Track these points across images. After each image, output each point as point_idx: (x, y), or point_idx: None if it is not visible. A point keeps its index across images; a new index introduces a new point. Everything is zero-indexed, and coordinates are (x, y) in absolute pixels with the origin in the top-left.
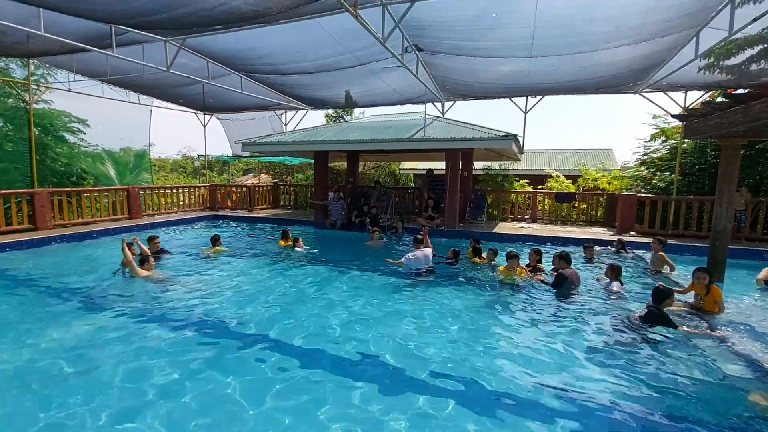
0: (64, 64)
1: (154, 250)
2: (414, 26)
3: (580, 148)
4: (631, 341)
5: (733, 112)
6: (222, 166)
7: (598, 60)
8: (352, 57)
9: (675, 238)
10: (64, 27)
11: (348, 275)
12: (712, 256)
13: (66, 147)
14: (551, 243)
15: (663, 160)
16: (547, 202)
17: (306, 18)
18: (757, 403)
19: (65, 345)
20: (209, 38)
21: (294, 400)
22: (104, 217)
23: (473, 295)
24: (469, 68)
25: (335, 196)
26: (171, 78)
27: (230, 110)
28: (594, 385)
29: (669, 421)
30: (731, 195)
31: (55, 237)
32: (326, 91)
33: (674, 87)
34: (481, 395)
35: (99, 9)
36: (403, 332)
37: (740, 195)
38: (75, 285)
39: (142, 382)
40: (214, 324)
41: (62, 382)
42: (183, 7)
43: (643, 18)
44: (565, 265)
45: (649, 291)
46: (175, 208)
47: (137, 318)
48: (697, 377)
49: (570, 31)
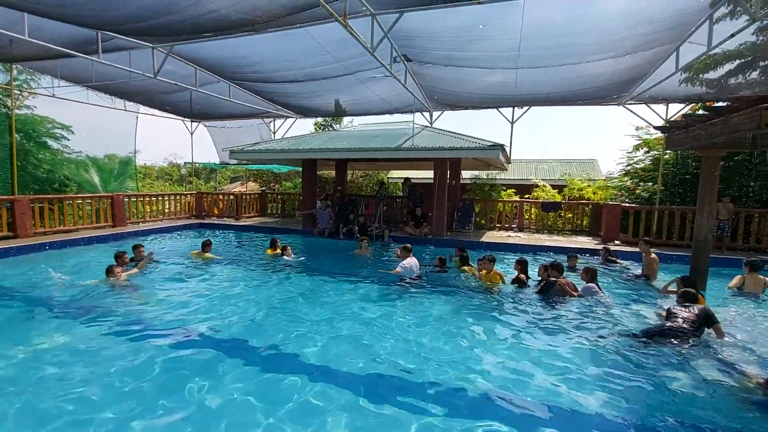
0: (49, 70)
1: (139, 258)
2: (402, 36)
3: (565, 158)
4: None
5: (712, 125)
6: (209, 173)
7: (582, 72)
8: (341, 66)
9: (658, 247)
10: (49, 32)
11: (338, 284)
12: (695, 265)
13: (49, 153)
14: (537, 252)
15: (646, 170)
16: (534, 211)
17: (295, 27)
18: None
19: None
20: (197, 45)
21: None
22: (87, 225)
23: (456, 300)
24: (456, 78)
25: (323, 204)
26: (158, 85)
27: (218, 117)
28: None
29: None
30: (712, 205)
31: (35, 245)
32: (315, 99)
33: (656, 99)
34: (479, 400)
35: (88, 15)
36: (403, 339)
37: (723, 205)
38: (47, 295)
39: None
40: (199, 335)
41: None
42: (172, 14)
43: (626, 31)
44: (557, 275)
45: (631, 297)
46: (160, 216)
47: (114, 329)
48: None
49: (555, 42)
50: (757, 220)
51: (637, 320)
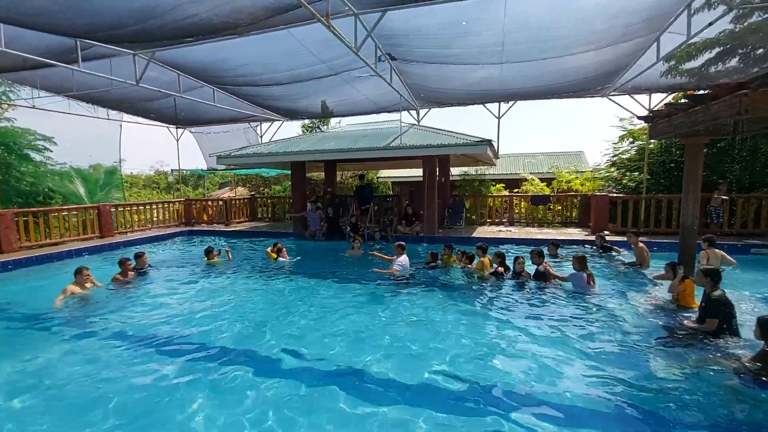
0: (28, 80)
1: (140, 266)
2: (386, 35)
3: (552, 151)
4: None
5: (694, 112)
6: (197, 180)
7: (566, 65)
8: (326, 67)
9: (647, 235)
10: (27, 42)
11: (335, 284)
12: (682, 252)
13: (31, 166)
14: (529, 245)
15: (632, 160)
16: (524, 205)
17: (278, 29)
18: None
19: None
20: (180, 51)
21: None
22: (74, 237)
23: (454, 293)
24: (442, 75)
25: (313, 207)
26: (141, 92)
27: (203, 123)
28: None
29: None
30: (696, 192)
31: (21, 260)
32: (301, 101)
33: (639, 90)
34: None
35: (66, 24)
36: (403, 334)
37: (719, 192)
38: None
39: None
40: (196, 340)
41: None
42: (152, 20)
43: (607, 23)
44: (539, 260)
45: (622, 284)
46: (149, 224)
47: (108, 338)
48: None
49: (538, 36)
50: (755, 206)
51: (630, 309)
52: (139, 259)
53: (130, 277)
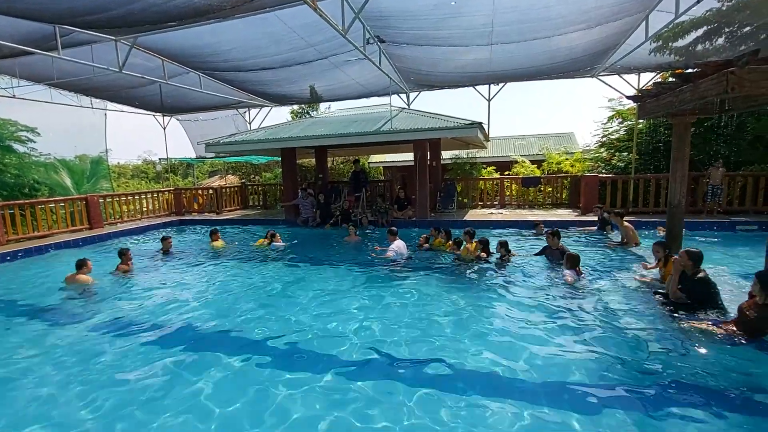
0: (7, 69)
1: (166, 248)
2: (374, 17)
3: (543, 133)
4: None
5: (682, 91)
6: (186, 169)
7: (555, 45)
8: (314, 51)
9: (636, 215)
10: (3, 29)
11: (331, 270)
12: (669, 230)
13: (15, 157)
14: (520, 227)
15: (621, 140)
16: (515, 187)
17: (264, 11)
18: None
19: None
20: (163, 36)
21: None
22: (63, 229)
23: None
24: (431, 58)
25: (304, 194)
26: (124, 79)
27: (191, 110)
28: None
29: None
30: (684, 171)
31: (8, 253)
32: (290, 86)
33: (628, 69)
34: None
35: (40, 8)
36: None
37: (715, 170)
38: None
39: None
40: (199, 325)
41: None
42: (132, 3)
43: (597, 1)
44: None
45: (609, 267)
46: (138, 215)
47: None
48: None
49: (527, 16)
50: (753, 185)
51: (618, 287)
52: (165, 242)
53: (130, 267)
